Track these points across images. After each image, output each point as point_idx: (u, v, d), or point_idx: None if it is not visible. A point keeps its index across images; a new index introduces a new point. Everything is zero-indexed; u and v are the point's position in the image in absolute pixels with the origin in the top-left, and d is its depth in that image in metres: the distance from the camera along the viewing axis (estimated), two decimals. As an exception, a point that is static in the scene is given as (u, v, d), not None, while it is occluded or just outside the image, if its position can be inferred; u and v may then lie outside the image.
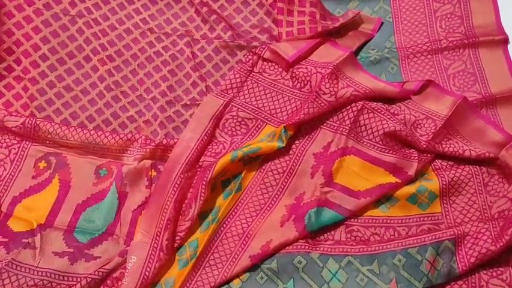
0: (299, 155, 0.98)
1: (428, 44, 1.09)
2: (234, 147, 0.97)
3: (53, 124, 0.96)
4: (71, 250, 0.89)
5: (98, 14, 1.06)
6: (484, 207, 0.93)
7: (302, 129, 1.00)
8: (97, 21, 1.05)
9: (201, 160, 0.97)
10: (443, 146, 0.96)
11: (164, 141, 0.97)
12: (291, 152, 0.98)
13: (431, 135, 0.96)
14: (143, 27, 1.07)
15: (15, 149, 0.95)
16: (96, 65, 1.03)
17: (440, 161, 0.97)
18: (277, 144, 0.95)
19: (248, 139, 0.99)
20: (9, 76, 1.00)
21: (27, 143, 0.96)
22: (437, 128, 0.97)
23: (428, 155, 0.96)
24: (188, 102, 1.03)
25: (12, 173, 0.94)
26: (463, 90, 1.04)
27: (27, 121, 0.95)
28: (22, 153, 0.95)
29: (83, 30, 1.04)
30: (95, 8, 1.06)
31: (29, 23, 1.02)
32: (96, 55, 1.03)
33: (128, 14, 1.08)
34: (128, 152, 0.97)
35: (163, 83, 1.04)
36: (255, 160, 0.97)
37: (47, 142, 0.96)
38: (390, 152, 0.97)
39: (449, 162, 0.97)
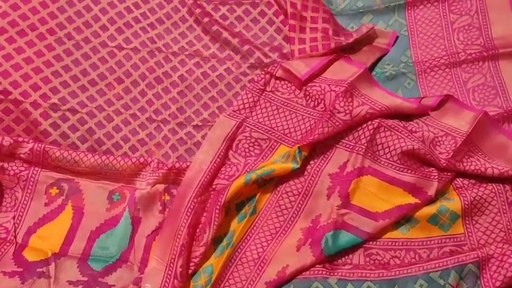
0: (314, 175, 0.95)
1: (445, 58, 1.06)
2: (248, 169, 0.95)
3: (62, 151, 0.94)
4: (86, 279, 0.88)
5: (106, 35, 1.05)
6: (508, 227, 0.89)
7: (317, 148, 0.97)
8: (104, 44, 1.04)
9: (214, 183, 0.95)
10: (464, 164, 0.93)
11: (177, 165, 0.96)
12: (306, 172, 0.96)
13: (451, 153, 0.93)
14: (150, 46, 1.06)
15: (24, 176, 0.94)
16: (103, 89, 1.02)
17: (461, 179, 0.94)
18: (291, 165, 0.93)
19: (262, 160, 0.97)
20: (6, 100, 0.97)
21: (36, 169, 0.95)
22: (457, 145, 0.93)
23: (449, 174, 0.93)
24: (200, 123, 1.02)
25: (25, 202, 0.94)
26: (484, 105, 1.01)
27: (35, 147, 0.93)
28: (32, 180, 0.94)
29: (89, 56, 1.04)
30: (103, 30, 1.06)
31: (31, 47, 1.01)
32: (103, 80, 1.02)
33: (135, 33, 1.07)
34: (141, 176, 0.96)
35: (173, 104, 1.03)
36: (270, 182, 0.95)
37: (58, 168, 0.96)
38: (409, 171, 0.94)
39: (470, 181, 0.93)
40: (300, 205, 0.93)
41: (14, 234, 0.91)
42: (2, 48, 0.98)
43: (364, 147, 0.95)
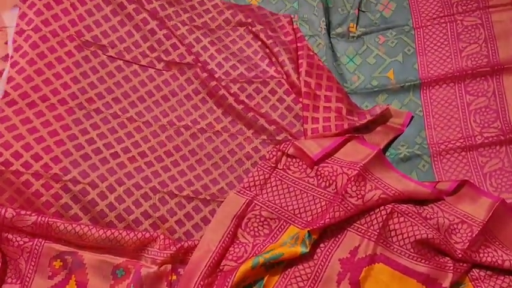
0: (324, 260, 0.93)
1: (461, 140, 1.04)
2: (257, 251, 0.93)
3: (66, 224, 0.92)
4: None
5: (118, 107, 1.06)
6: (527, 324, 0.85)
7: (328, 230, 0.95)
8: (115, 115, 1.05)
9: (222, 264, 0.93)
10: (481, 255, 0.89)
11: (186, 245, 0.94)
12: (315, 256, 0.93)
13: (467, 243, 0.89)
14: (162, 121, 1.06)
15: (27, 248, 0.93)
16: (107, 158, 1.01)
17: (477, 270, 0.91)
18: (300, 249, 0.90)
19: (271, 241, 0.95)
20: (7, 171, 0.96)
21: (40, 240, 0.93)
22: (474, 235, 0.90)
23: (464, 265, 0.90)
24: (208, 198, 1.01)
25: (29, 274, 0.92)
26: (501, 191, 0.98)
27: (38, 220, 0.92)
28: (36, 251, 0.93)
29: (98, 125, 1.03)
30: (115, 102, 1.06)
31: (39, 117, 1.00)
32: (109, 149, 1.02)
33: (148, 107, 1.07)
34: (147, 251, 0.94)
35: (181, 177, 1.02)
36: (278, 265, 0.92)
37: (61, 240, 0.94)
38: (423, 260, 0.90)
39: (487, 272, 0.90)
40: (309, 291, 0.90)
41: None
42: (7, 120, 0.99)
43: (376, 233, 0.92)
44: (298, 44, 1.13)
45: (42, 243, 0.94)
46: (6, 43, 1.05)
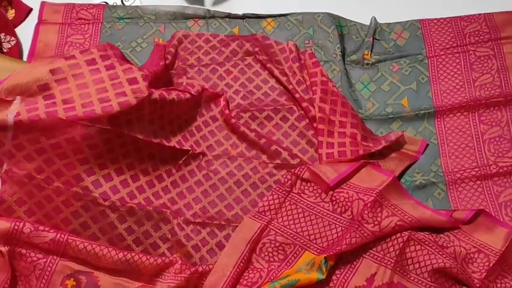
0: (340, 287, 0.92)
1: (476, 169, 1.04)
2: (272, 277, 0.92)
3: (85, 244, 0.91)
4: None
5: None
6: None
7: (343, 257, 0.94)
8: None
9: (236, 289, 0.92)
10: (498, 285, 0.89)
11: (200, 269, 0.93)
12: (331, 283, 0.92)
13: (485, 273, 0.89)
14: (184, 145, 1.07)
15: (40, 264, 0.90)
16: (127, 180, 1.00)
17: (495, 300, 0.90)
18: (317, 275, 0.89)
19: (286, 266, 0.94)
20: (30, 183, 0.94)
21: (54, 257, 0.91)
22: (491, 265, 0.90)
23: (482, 295, 0.89)
24: (223, 222, 1.00)
25: None
26: (517, 221, 0.98)
27: (57, 237, 0.90)
28: (49, 269, 0.90)
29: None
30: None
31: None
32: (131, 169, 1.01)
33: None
34: (163, 277, 0.93)
35: (196, 205, 1.02)
36: (294, 291, 0.91)
37: (77, 259, 0.92)
38: (440, 289, 0.90)
39: (505, 303, 0.89)
40: (325, 319, 0.89)
41: None
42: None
43: (393, 260, 0.92)
44: (311, 70, 1.13)
45: (57, 260, 0.91)
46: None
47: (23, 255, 0.90)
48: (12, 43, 1.21)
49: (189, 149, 1.06)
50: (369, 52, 1.18)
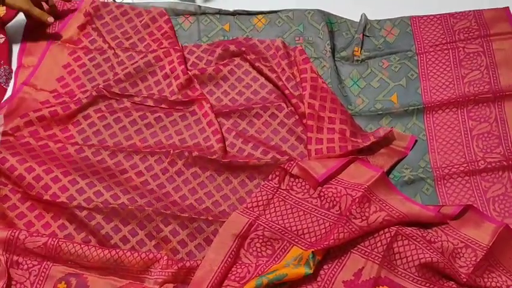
0: (328, 282, 0.91)
1: (464, 165, 1.05)
2: (259, 272, 0.92)
3: (74, 245, 0.92)
4: None
5: (122, 136, 1.10)
6: None
7: (331, 252, 0.94)
8: (121, 149, 1.08)
9: (224, 284, 0.91)
10: (485, 279, 0.89)
11: (188, 264, 0.93)
12: (319, 278, 0.92)
13: (472, 268, 0.89)
14: (164, 144, 1.08)
15: (35, 270, 0.92)
16: (110, 185, 1.02)
17: (482, 295, 0.90)
18: (304, 270, 0.89)
19: (274, 261, 0.94)
20: (30, 196, 0.99)
21: (48, 263, 0.93)
22: (478, 260, 0.90)
23: (469, 289, 0.89)
24: (211, 218, 1.00)
25: None
26: (504, 216, 0.98)
27: (49, 241, 0.92)
28: (43, 274, 0.92)
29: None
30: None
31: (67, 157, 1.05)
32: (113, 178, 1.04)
33: (154, 133, 1.10)
34: (150, 273, 0.93)
35: (182, 202, 1.02)
36: (281, 286, 0.90)
37: (69, 262, 0.93)
38: (428, 284, 0.89)
39: (492, 298, 0.89)
40: (312, 314, 0.89)
41: None
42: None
43: (381, 255, 0.92)
44: (301, 67, 1.14)
45: (50, 265, 0.93)
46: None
47: (20, 264, 0.92)
48: (1, 40, 1.21)
49: (170, 149, 1.06)
50: (359, 49, 1.19)
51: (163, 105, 1.12)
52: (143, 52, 1.17)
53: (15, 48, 1.22)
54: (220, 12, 1.24)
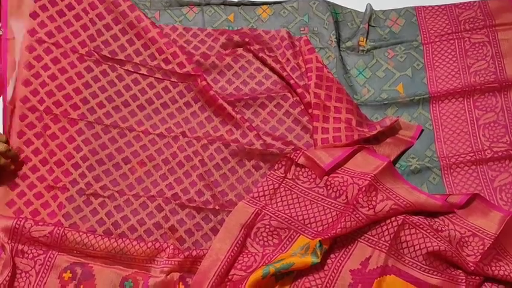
0: (335, 271, 0.91)
1: (471, 154, 1.04)
2: (266, 261, 0.92)
3: (80, 233, 0.92)
4: None
5: (134, 120, 1.06)
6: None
7: (338, 241, 0.94)
8: (131, 128, 1.05)
9: (231, 273, 0.91)
10: (493, 268, 0.89)
11: (194, 253, 0.93)
12: (326, 267, 0.92)
13: (479, 256, 0.89)
14: (175, 132, 1.06)
15: (41, 259, 0.92)
16: (126, 173, 1.02)
17: (489, 284, 0.90)
18: (311, 259, 0.89)
19: (281, 251, 0.94)
20: (41, 185, 0.99)
21: (53, 252, 0.93)
22: (485, 248, 0.90)
23: (477, 278, 0.89)
24: (217, 207, 1.00)
25: (38, 287, 0.90)
26: (511, 205, 0.98)
27: (55, 230, 0.92)
28: (48, 263, 0.92)
29: (116, 139, 1.04)
30: (131, 115, 1.06)
31: (64, 133, 1.02)
32: (127, 163, 1.02)
33: (163, 119, 1.07)
34: (156, 262, 0.93)
35: (192, 188, 1.01)
36: (288, 275, 0.90)
37: (74, 252, 0.93)
38: (435, 273, 0.90)
39: (499, 286, 0.89)
40: (320, 302, 0.89)
41: None
42: (31, 144, 1.01)
43: (388, 244, 0.92)
44: (306, 57, 1.13)
45: (55, 255, 0.93)
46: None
47: (25, 253, 0.92)
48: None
49: (179, 134, 1.06)
50: (365, 39, 1.18)
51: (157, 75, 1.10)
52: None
53: None
54: (224, 3, 1.23)
